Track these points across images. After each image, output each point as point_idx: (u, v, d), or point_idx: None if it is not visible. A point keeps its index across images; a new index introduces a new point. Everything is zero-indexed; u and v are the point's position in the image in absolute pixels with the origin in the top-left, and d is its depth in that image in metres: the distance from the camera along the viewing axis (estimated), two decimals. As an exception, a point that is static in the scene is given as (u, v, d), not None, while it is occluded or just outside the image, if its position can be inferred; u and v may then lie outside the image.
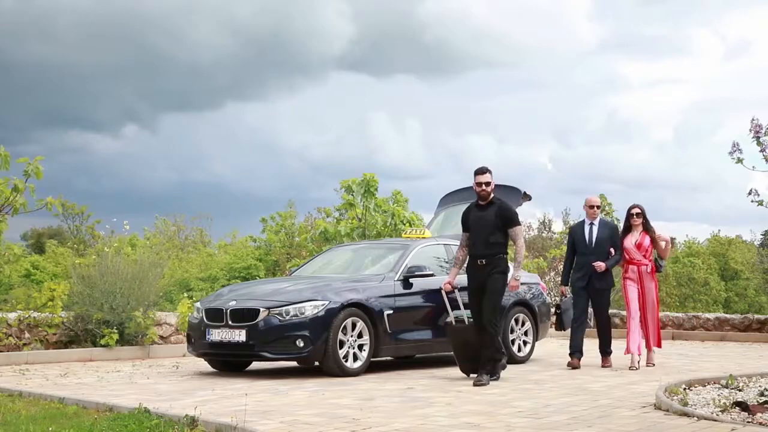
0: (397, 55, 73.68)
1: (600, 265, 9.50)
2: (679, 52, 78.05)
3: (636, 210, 9.64)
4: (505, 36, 76.17)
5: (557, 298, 9.97)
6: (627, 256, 9.62)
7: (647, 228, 9.62)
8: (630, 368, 9.22)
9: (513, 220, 8.38)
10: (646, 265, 9.56)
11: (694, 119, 78.22)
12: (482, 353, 8.24)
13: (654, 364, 9.55)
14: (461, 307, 8.72)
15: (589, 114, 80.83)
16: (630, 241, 9.61)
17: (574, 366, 9.47)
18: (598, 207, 9.78)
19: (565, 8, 74.59)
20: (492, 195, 8.42)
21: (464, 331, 8.54)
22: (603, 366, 9.56)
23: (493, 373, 8.25)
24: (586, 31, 76.01)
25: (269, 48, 69.91)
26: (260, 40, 68.75)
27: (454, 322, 8.63)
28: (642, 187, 63.36)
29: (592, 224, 9.77)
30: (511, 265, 8.64)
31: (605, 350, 9.74)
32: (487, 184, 8.36)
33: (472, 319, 8.48)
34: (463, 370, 8.66)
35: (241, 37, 68.22)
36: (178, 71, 68.36)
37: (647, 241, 9.56)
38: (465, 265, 8.70)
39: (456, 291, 8.70)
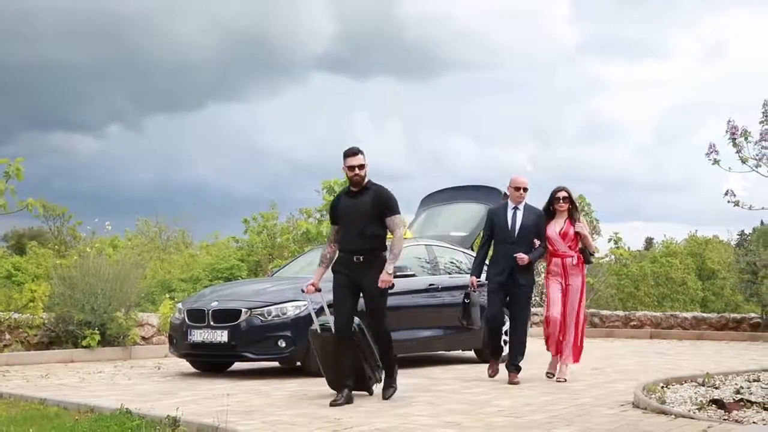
0: (377, 56, 73.74)
1: (522, 258, 7.99)
2: (658, 54, 78.51)
3: (563, 193, 8.27)
4: (485, 38, 76.23)
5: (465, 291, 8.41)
6: (550, 247, 8.28)
7: (572, 216, 8.30)
8: (557, 379, 8.28)
9: (391, 208, 6.99)
10: (572, 257, 8.23)
11: (674, 121, 78.70)
12: (385, 362, 7.13)
13: (565, 380, 8.22)
14: (327, 312, 7.25)
15: (568, 115, 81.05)
16: (553, 230, 8.25)
17: (494, 374, 8.41)
18: (524, 189, 8.22)
19: (545, 10, 74.79)
20: (367, 180, 7.07)
21: (331, 341, 7.08)
22: (510, 383, 8.04)
23: (391, 384, 7.15)
24: (566, 33, 76.25)
25: (251, 49, 69.75)
26: (242, 41, 68.54)
27: (319, 330, 7.22)
28: (621, 187, 63.83)
29: (516, 209, 8.21)
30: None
31: (515, 363, 8.21)
32: (361, 167, 6.98)
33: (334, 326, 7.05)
34: (330, 384, 7.18)
35: (224, 37, 67.98)
36: (161, 72, 68.03)
37: (573, 230, 8.24)
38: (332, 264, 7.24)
39: (321, 293, 7.27)
